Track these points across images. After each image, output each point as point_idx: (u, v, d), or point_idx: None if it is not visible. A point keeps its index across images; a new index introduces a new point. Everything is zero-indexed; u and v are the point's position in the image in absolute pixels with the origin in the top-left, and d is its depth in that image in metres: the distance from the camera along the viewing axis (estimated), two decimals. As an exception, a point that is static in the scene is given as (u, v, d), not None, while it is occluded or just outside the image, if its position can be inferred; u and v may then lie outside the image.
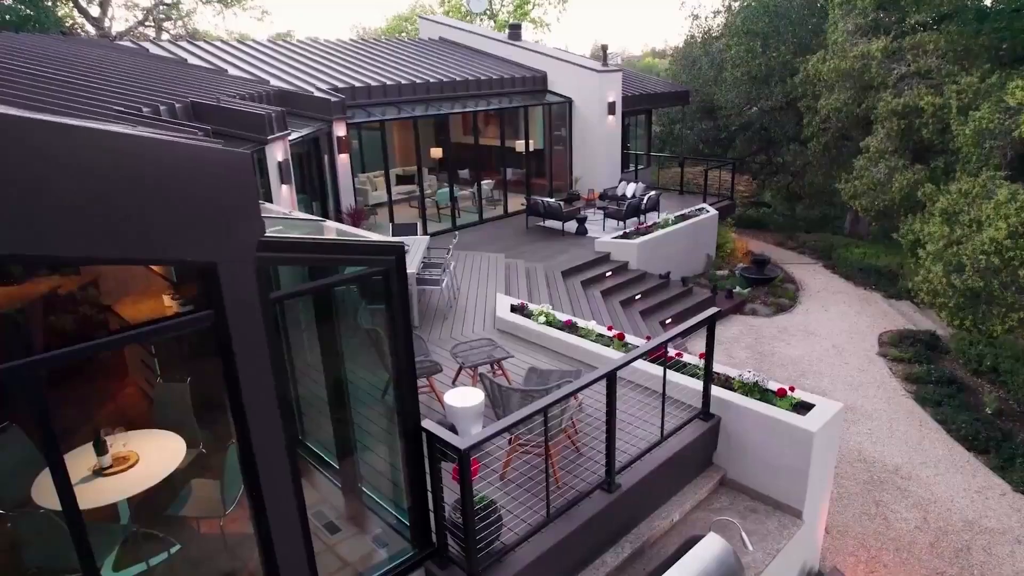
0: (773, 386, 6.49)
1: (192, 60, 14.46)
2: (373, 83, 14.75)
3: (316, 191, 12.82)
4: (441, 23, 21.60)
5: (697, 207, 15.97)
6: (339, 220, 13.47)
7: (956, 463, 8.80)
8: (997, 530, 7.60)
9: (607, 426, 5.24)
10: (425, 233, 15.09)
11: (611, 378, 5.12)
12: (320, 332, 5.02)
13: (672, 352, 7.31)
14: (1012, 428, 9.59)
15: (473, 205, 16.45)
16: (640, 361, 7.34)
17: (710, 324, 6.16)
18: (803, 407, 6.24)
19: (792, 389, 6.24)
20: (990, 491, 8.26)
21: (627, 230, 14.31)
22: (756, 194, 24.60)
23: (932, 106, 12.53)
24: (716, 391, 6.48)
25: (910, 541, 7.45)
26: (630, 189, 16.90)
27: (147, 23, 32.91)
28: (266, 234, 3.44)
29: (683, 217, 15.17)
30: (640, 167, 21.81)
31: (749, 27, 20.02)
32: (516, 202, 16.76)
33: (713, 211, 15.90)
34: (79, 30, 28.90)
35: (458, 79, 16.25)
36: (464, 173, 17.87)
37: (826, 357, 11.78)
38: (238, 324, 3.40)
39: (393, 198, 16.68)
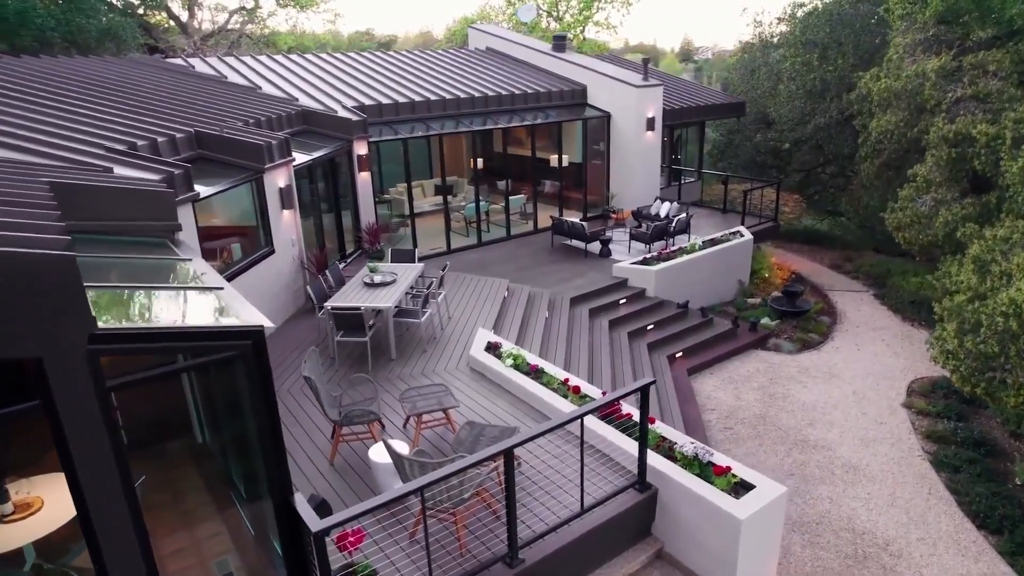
0: (720, 459, 6.15)
1: (232, 76, 15.13)
2: (401, 99, 14.94)
3: (333, 207, 13.15)
4: (489, 33, 21.59)
5: (731, 230, 15.26)
6: (358, 237, 13.79)
7: (960, 543, 8.03)
8: (987, 626, 6.90)
9: (507, 502, 5.10)
10: (448, 248, 15.25)
11: (508, 455, 4.98)
12: (220, 383, 5.16)
13: (624, 410, 7.05)
14: (1039, 505, 8.66)
15: (504, 220, 16.41)
16: (590, 417, 7.16)
17: (643, 391, 5.88)
18: (743, 487, 5.87)
19: (728, 469, 5.87)
20: (991, 579, 7.51)
21: (649, 255, 13.88)
22: (831, 203, 23.08)
23: (985, 135, 11.39)
24: (655, 460, 6.20)
25: (880, 630, 6.89)
26: (664, 208, 16.37)
27: (229, 27, 34.63)
28: (98, 327, 3.56)
29: (713, 242, 14.54)
30: (689, 180, 21.09)
31: (808, 37, 18.87)
32: (550, 217, 16.55)
33: (748, 235, 15.14)
34: (166, 37, 30.77)
35: (491, 94, 16.21)
36: (500, 185, 17.85)
37: (843, 404, 11.01)
38: (70, 413, 3.55)
39: (425, 210, 16.96)
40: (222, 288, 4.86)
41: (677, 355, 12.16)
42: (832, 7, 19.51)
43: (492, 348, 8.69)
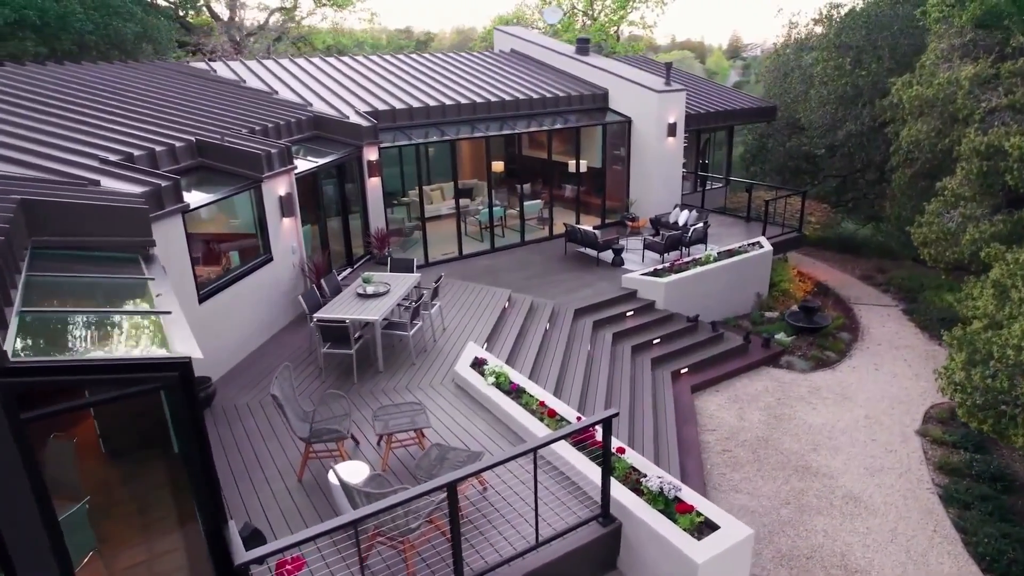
0: (688, 495, 5.92)
1: (251, 80, 15.35)
2: (416, 104, 14.91)
3: (341, 212, 13.21)
4: (514, 35, 21.41)
5: (750, 241, 14.81)
6: (367, 242, 13.84)
7: (961, 586, 7.59)
8: None
9: (452, 535, 4.99)
10: (460, 254, 15.18)
11: (451, 490, 4.87)
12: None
13: (599, 437, 6.85)
14: (1055, 548, 8.11)
15: (519, 224, 16.27)
16: (562, 444, 6.98)
17: (605, 424, 5.68)
18: (708, 527, 5.63)
19: (692, 508, 5.63)
20: (991, 628, 7.07)
21: (660, 266, 13.55)
22: (869, 209, 22.18)
23: (1019, 148, 10.71)
24: (621, 493, 6.00)
25: None
26: (682, 217, 15.97)
27: (267, 27, 35.26)
28: (10, 361, 3.59)
29: (729, 253, 14.12)
30: (716, 186, 20.56)
31: (844, 39, 18.14)
32: (564, 224, 16.33)
33: (768, 246, 14.66)
34: (207, 40, 31.46)
35: (508, 99, 16.05)
36: (518, 190, 17.67)
37: (852, 429, 10.54)
38: (-16, 443, 3.58)
39: (443, 214, 16.92)
40: (169, 313, 4.87)
41: (682, 371, 11.84)
42: (871, 8, 18.72)
43: (478, 364, 8.57)
